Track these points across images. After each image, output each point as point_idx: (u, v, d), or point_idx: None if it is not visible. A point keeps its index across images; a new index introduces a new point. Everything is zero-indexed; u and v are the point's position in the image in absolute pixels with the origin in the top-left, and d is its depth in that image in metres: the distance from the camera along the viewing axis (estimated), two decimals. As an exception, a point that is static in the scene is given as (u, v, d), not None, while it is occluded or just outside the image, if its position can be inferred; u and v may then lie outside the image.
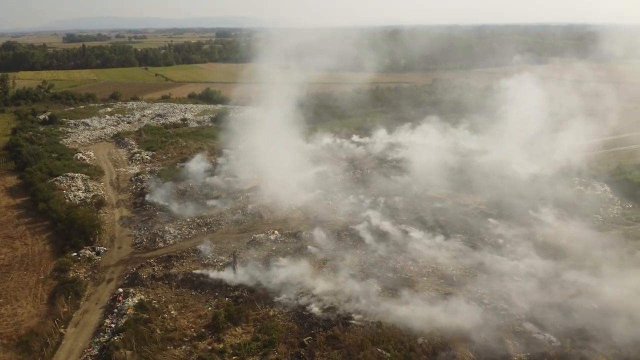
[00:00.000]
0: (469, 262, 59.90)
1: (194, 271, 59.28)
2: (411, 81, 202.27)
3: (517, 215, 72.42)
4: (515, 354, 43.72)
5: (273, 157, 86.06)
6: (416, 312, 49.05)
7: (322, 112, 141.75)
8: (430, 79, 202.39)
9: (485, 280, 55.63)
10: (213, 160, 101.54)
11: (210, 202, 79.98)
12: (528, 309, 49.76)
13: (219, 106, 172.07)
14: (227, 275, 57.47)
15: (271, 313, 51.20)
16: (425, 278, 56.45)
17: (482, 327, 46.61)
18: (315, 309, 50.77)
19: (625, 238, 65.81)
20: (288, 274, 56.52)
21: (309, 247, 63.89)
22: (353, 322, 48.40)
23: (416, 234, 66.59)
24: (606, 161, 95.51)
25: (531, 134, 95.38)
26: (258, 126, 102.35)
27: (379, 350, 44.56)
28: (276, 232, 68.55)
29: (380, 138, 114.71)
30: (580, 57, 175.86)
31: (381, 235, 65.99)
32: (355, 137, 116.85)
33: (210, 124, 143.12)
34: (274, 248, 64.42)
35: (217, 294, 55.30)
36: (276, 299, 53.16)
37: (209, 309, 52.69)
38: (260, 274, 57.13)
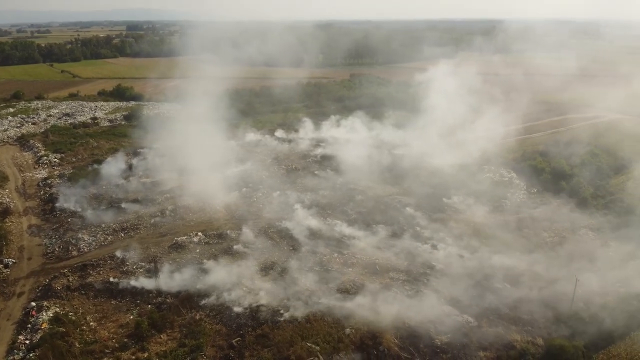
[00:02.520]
0: (391, 250, 62.06)
1: (112, 279, 56.31)
2: (330, 76, 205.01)
3: (434, 204, 76.08)
4: (436, 337, 46.00)
5: (193, 155, 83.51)
6: (342, 304, 50.06)
7: (244, 107, 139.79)
8: (348, 74, 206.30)
9: (406, 267, 58.00)
10: (128, 161, 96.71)
11: (127, 206, 76.16)
12: (447, 293, 52.53)
13: (132, 103, 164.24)
14: (148, 281, 55.16)
15: (197, 317, 49.91)
16: (350, 269, 57.71)
17: (405, 313, 48.54)
18: (243, 309, 50.19)
19: (532, 220, 71.39)
20: (214, 276, 55.33)
21: (235, 246, 62.92)
22: (282, 319, 48.45)
23: (341, 227, 67.85)
24: (512, 149, 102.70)
25: (446, 126, 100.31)
26: (176, 123, 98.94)
27: (308, 344, 45.00)
28: (199, 233, 66.76)
29: (304, 133, 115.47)
30: (491, 50, 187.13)
31: (307, 230, 66.47)
32: (278, 133, 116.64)
33: (123, 122, 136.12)
34: (197, 250, 62.71)
35: (138, 301, 52.94)
36: (202, 302, 51.89)
37: (131, 317, 50.37)
38: (184, 277, 55.40)
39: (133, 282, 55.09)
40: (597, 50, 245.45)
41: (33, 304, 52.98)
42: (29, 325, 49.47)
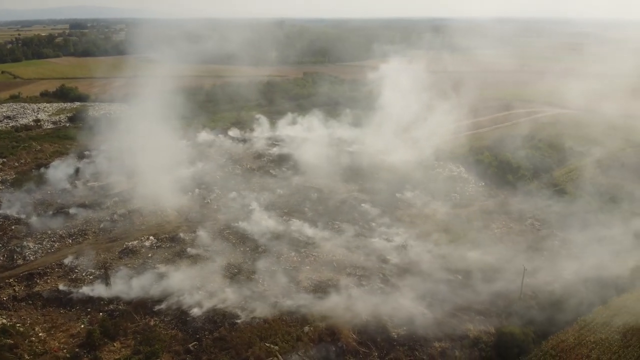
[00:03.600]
0: (348, 247, 62.72)
1: (60, 287, 53.98)
2: (284, 75, 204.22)
3: (388, 200, 77.45)
4: (393, 330, 46.94)
5: (143, 157, 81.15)
6: (300, 302, 50.22)
7: (195, 106, 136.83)
8: (301, 72, 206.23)
9: (363, 263, 58.83)
10: (74, 164, 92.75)
11: (74, 211, 73.09)
12: (403, 286, 53.61)
13: (77, 104, 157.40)
14: (99, 288, 53.28)
15: (152, 323, 48.71)
16: (308, 267, 57.91)
17: (362, 308, 49.24)
18: (199, 312, 49.39)
19: (481, 212, 73.95)
20: (168, 280, 54.11)
21: (189, 249, 61.73)
22: (240, 321, 48.03)
23: (298, 226, 67.90)
24: (461, 144, 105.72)
25: (400, 123, 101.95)
26: (124, 124, 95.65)
27: (267, 345, 44.87)
28: (151, 237, 65.04)
29: (259, 132, 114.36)
30: (439, 48, 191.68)
31: (264, 231, 66.07)
32: (232, 132, 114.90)
33: (67, 124, 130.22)
34: (150, 255, 61.10)
35: (89, 309, 51.07)
36: (156, 307, 50.67)
37: (82, 326, 48.54)
38: (137, 283, 53.86)
39: (83, 290, 53.10)
40: (539, 47, 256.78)
41: (-25, 317, 50.12)
42: (-27, 340, 46.74)
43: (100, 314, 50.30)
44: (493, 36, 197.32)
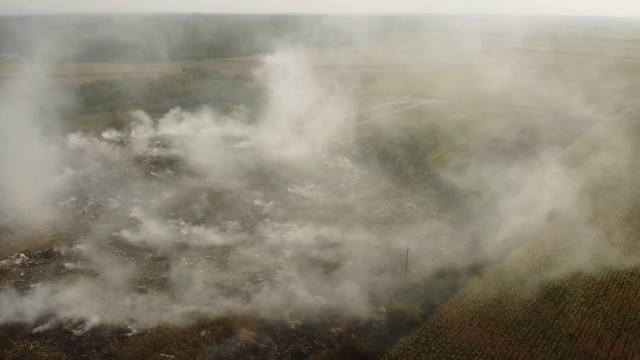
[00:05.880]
0: (242, 245, 62.21)
1: None
2: (161, 71, 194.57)
3: (279, 194, 78.15)
4: (291, 322, 47.66)
5: (5, 166, 72.57)
6: (195, 307, 48.80)
7: (66, 108, 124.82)
8: (180, 68, 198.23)
9: (258, 259, 58.80)
10: None
11: None
12: (298, 277, 54.64)
13: None
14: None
15: (31, 347, 44.06)
16: (201, 270, 56.36)
17: (260, 305, 49.30)
18: (84, 330, 45.73)
19: (366, 200, 77.76)
20: (45, 300, 49.19)
21: (66, 264, 56.69)
22: (130, 334, 45.37)
23: (187, 228, 65.74)
24: (345, 136, 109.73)
25: (286, 117, 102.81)
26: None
27: (162, 354, 42.99)
28: (22, 255, 58.60)
29: (137, 132, 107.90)
30: (318, 44, 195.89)
31: (149, 237, 62.83)
32: (107, 134, 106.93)
33: None
34: (22, 274, 55.06)
35: (-48, 342, 44.74)
36: (35, 330, 45.93)
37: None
38: (9, 306, 48.24)
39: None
40: (412, 43, 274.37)
41: None
42: None
43: (-34, 345, 44.32)
44: (370, 32, 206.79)
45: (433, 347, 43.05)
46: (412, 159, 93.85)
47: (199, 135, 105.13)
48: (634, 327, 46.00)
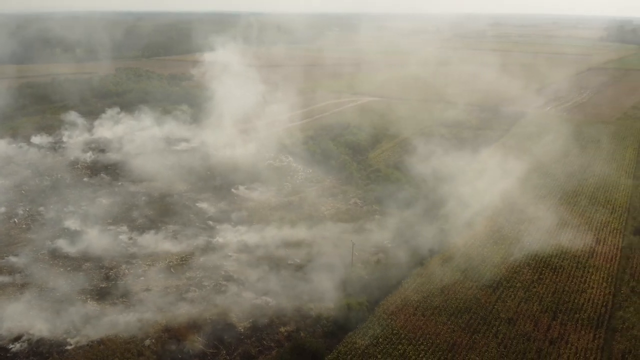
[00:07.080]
0: (185, 249, 60.75)
1: None
2: (93, 71, 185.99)
3: (223, 195, 77.02)
4: (239, 324, 47.20)
5: None
6: (137, 316, 47.25)
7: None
8: (113, 68, 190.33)
9: (202, 263, 57.68)
10: None
11: None
12: (245, 279, 54.13)
13: None
14: None
15: (-43, 372, 41.11)
16: (142, 278, 54.55)
17: (204, 309, 48.45)
18: (20, 346, 43.20)
19: (311, 198, 78.08)
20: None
21: (0, 278, 53.25)
22: (70, 347, 43.29)
23: (126, 234, 63.43)
24: (289, 135, 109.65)
25: (227, 117, 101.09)
26: None
27: (104, 367, 41.33)
28: (-57, 271, 54.38)
29: (69, 136, 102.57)
30: (257, 42, 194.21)
31: (86, 245, 60.06)
32: (37, 139, 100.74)
33: None
34: (-56, 292, 51.08)
35: None
36: (-40, 352, 42.83)
37: None
38: None
39: None
40: (351, 41, 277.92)
41: None
42: None
43: None
44: (310, 30, 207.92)
45: (380, 340, 44.10)
46: (354, 156, 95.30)
47: (137, 138, 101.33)
48: (568, 309, 49.20)
